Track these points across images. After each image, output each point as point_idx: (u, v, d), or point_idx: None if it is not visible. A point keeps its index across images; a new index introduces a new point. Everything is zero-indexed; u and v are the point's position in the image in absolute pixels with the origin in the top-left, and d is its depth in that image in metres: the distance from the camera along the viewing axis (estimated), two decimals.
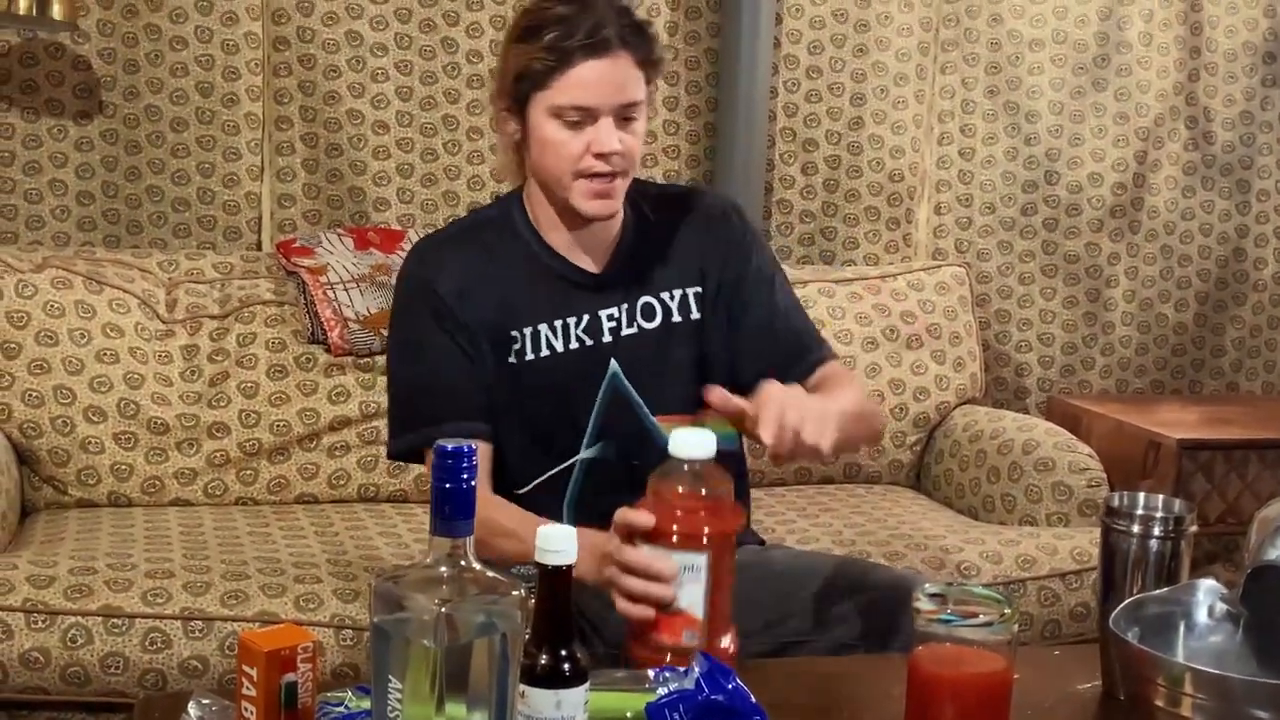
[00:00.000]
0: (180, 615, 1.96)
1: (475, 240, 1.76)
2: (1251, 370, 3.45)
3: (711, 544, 1.30)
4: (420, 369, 1.72)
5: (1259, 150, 3.38)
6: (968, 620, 1.24)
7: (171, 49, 2.78)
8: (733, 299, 1.80)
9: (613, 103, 1.63)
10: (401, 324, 1.76)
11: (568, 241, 1.74)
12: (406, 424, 1.73)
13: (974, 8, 3.19)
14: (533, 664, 1.09)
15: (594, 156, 1.64)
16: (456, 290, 1.71)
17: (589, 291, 1.74)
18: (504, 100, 1.69)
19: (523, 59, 1.64)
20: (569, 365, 1.72)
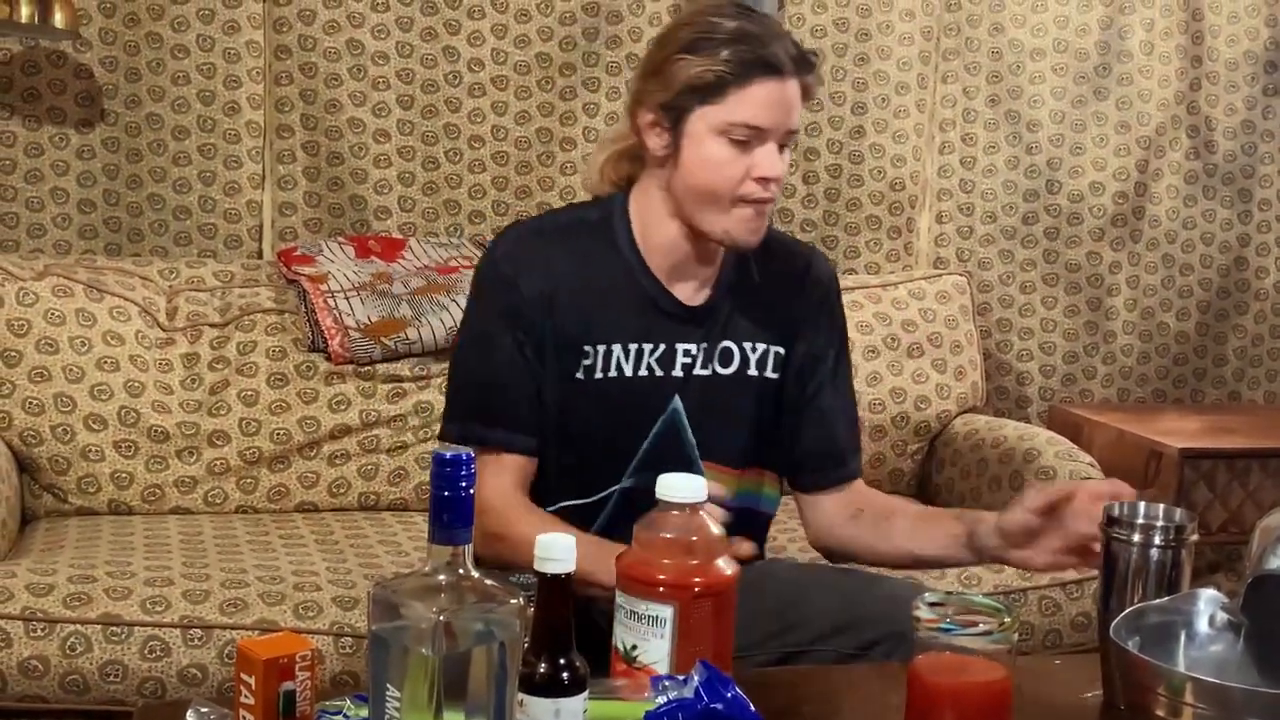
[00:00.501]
0: (179, 623, 1.96)
1: (571, 243, 1.69)
2: (1253, 379, 3.44)
3: (680, 596, 1.24)
4: (483, 365, 1.68)
5: (1261, 159, 3.38)
6: (968, 629, 1.23)
7: (173, 57, 2.78)
8: (810, 374, 1.77)
9: (782, 127, 1.60)
10: (476, 311, 1.72)
11: (668, 266, 1.69)
12: (459, 413, 1.71)
13: (975, 17, 3.19)
14: (531, 672, 1.09)
15: (754, 180, 1.60)
16: (540, 294, 1.65)
17: (673, 321, 1.70)
18: (655, 110, 1.63)
19: (694, 70, 1.58)
20: (634, 391, 1.68)
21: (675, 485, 1.28)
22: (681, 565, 1.27)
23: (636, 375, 1.69)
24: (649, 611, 1.26)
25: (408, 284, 2.65)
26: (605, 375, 1.68)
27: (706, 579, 1.27)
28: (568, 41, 2.96)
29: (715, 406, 1.73)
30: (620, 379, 1.68)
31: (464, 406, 1.70)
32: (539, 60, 2.95)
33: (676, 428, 1.72)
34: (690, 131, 1.61)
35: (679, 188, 1.64)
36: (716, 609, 1.28)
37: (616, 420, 1.69)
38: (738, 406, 1.74)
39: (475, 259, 2.77)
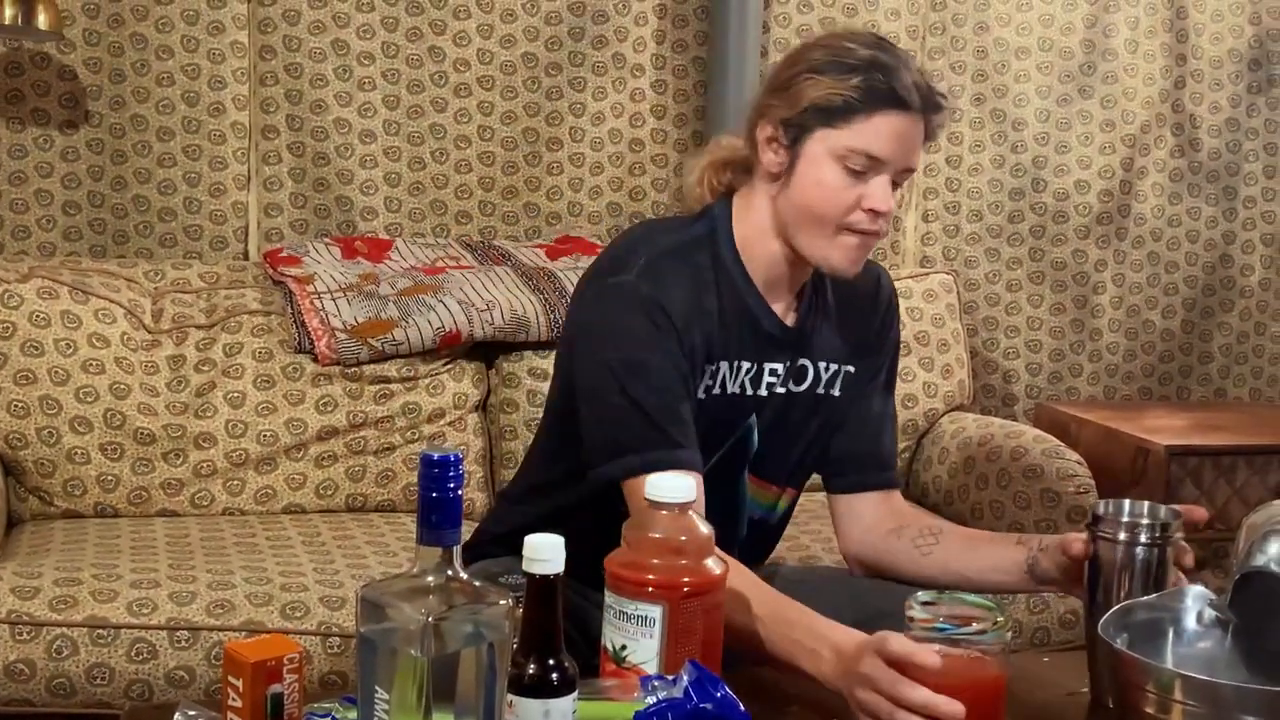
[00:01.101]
0: (166, 625, 1.96)
1: (691, 262, 1.64)
2: (1239, 376, 3.46)
3: (669, 597, 1.24)
4: (643, 389, 1.56)
5: (1245, 157, 3.39)
6: (961, 629, 1.24)
7: (157, 58, 2.77)
8: (867, 384, 1.77)
9: (901, 163, 1.58)
10: (621, 339, 1.58)
11: (767, 282, 1.67)
12: (621, 449, 1.56)
13: (960, 15, 3.20)
14: (520, 673, 1.09)
15: (864, 211, 1.58)
16: (681, 315, 1.58)
17: (768, 341, 1.68)
18: (776, 125, 1.60)
19: (823, 91, 1.56)
20: (726, 407, 1.67)
21: (664, 485, 1.28)
22: (671, 565, 1.27)
23: (730, 393, 1.67)
24: (638, 611, 1.26)
25: (395, 285, 2.64)
26: (709, 394, 1.65)
27: (696, 579, 1.27)
28: (554, 41, 2.96)
29: (784, 425, 1.72)
30: (723, 396, 1.66)
31: (628, 438, 1.56)
32: (525, 60, 2.95)
33: (745, 442, 1.70)
34: (808, 152, 1.59)
35: (787, 206, 1.62)
36: (706, 609, 1.28)
37: (705, 433, 1.64)
38: (801, 424, 1.73)
39: (462, 259, 2.77)
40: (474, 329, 2.60)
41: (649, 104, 3.03)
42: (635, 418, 1.56)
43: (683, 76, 3.04)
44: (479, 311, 2.60)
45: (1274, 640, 1.38)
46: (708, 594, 1.28)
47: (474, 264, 2.76)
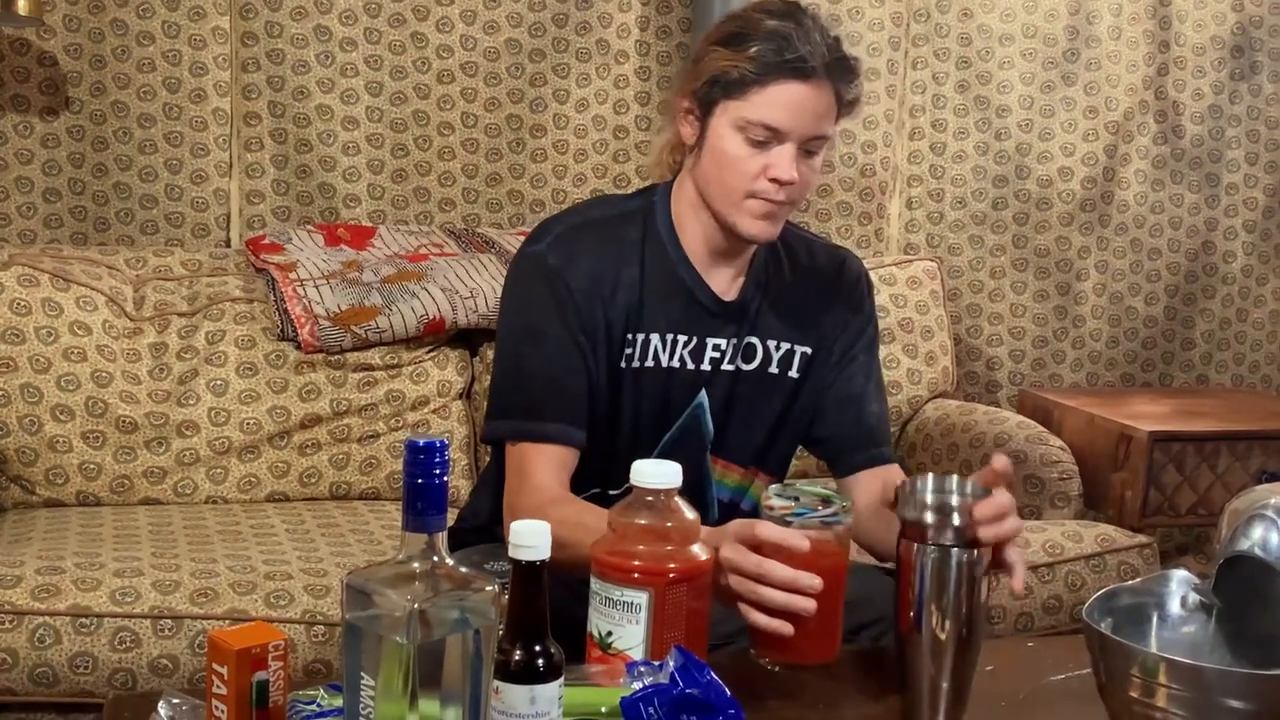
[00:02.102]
0: (149, 614, 1.95)
1: (615, 235, 1.69)
2: (1221, 363, 3.47)
3: (654, 582, 1.26)
4: (534, 358, 1.64)
5: (1228, 144, 3.40)
6: (819, 512, 1.34)
7: (138, 44, 2.76)
8: (835, 365, 1.77)
9: (803, 131, 1.59)
10: (523, 307, 1.67)
11: (704, 256, 1.69)
12: (510, 410, 1.65)
13: (944, 3, 3.20)
14: (507, 659, 1.08)
15: (768, 180, 1.59)
16: (588, 287, 1.64)
17: (707, 315, 1.70)
18: (687, 99, 1.63)
19: (721, 63, 1.58)
20: (666, 382, 1.69)
21: (649, 471, 1.28)
22: (656, 551, 1.27)
23: (669, 366, 1.69)
24: (624, 598, 1.26)
25: (378, 272, 2.63)
26: (642, 365, 1.68)
27: (681, 564, 1.28)
28: (537, 27, 2.95)
29: (737, 403, 1.73)
30: (656, 369, 1.68)
31: (514, 402, 1.66)
32: (508, 46, 2.94)
33: (699, 421, 1.72)
34: (714, 124, 1.61)
35: (700, 176, 1.65)
36: (692, 594, 1.28)
37: (646, 411, 1.69)
38: (758, 405, 1.74)
39: (445, 246, 2.76)
40: (458, 316, 2.59)
41: (633, 90, 3.02)
42: (520, 384, 1.65)
43: (666, 63, 3.04)
44: (463, 299, 2.60)
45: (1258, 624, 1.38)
46: (694, 579, 1.28)
47: (458, 251, 2.75)
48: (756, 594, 1.32)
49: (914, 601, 1.35)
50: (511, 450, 1.65)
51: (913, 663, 1.36)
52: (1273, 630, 1.37)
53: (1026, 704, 1.46)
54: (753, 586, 1.32)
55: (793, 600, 1.31)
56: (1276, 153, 3.43)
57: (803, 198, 1.66)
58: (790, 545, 1.31)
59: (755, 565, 1.32)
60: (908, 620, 1.35)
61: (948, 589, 1.34)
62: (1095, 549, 2.40)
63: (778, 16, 1.60)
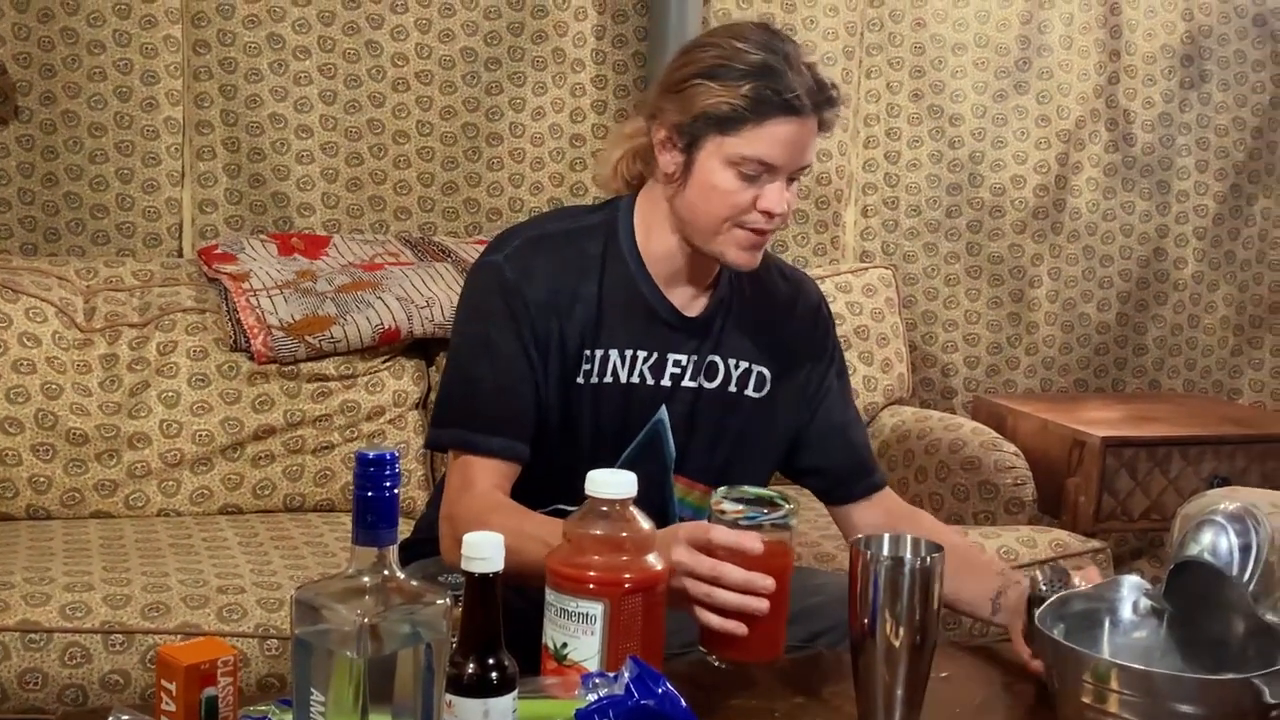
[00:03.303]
0: (100, 629, 1.93)
1: (574, 249, 1.68)
2: (1173, 368, 3.50)
3: (610, 593, 1.26)
4: (484, 369, 1.64)
5: (1178, 152, 3.44)
6: (770, 514, 1.38)
7: (89, 53, 2.73)
8: (812, 397, 1.78)
9: (794, 164, 1.60)
10: (477, 317, 1.67)
11: (668, 273, 1.69)
12: (451, 419, 1.65)
13: (897, 12, 3.21)
14: (459, 673, 1.08)
15: (759, 213, 1.60)
16: (544, 300, 1.64)
17: (668, 330, 1.70)
18: (669, 129, 1.62)
19: (713, 99, 1.58)
20: (625, 398, 1.68)
21: (604, 481, 1.28)
22: (612, 562, 1.27)
23: (629, 382, 1.69)
24: (579, 609, 1.26)
25: (332, 281, 2.62)
26: (601, 380, 1.67)
27: (637, 575, 1.27)
28: (493, 36, 2.94)
29: (698, 421, 1.73)
30: (615, 384, 1.68)
31: (459, 412, 1.66)
32: (464, 55, 2.93)
33: (660, 438, 1.71)
34: (702, 157, 1.61)
35: (683, 207, 1.65)
36: (647, 605, 1.28)
37: (606, 426, 1.69)
38: (719, 423, 1.74)
39: (401, 255, 2.75)
40: (413, 326, 2.58)
41: (589, 99, 3.02)
42: (468, 393, 1.65)
43: (623, 71, 3.04)
44: (418, 308, 2.58)
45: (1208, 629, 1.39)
46: (650, 590, 1.28)
47: (413, 260, 2.74)
48: (712, 597, 1.34)
49: (867, 608, 1.35)
50: (454, 459, 1.65)
51: (867, 670, 1.36)
52: (1223, 635, 1.38)
53: (981, 710, 1.46)
54: (708, 589, 1.34)
55: (746, 602, 1.34)
56: (1226, 160, 3.47)
57: (784, 226, 1.68)
58: (745, 549, 1.34)
59: (710, 568, 1.34)
60: (861, 627, 1.36)
61: (901, 596, 1.34)
62: (1049, 554, 2.41)
63: (762, 49, 1.60)
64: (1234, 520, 1.39)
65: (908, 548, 1.42)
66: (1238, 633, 1.37)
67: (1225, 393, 3.53)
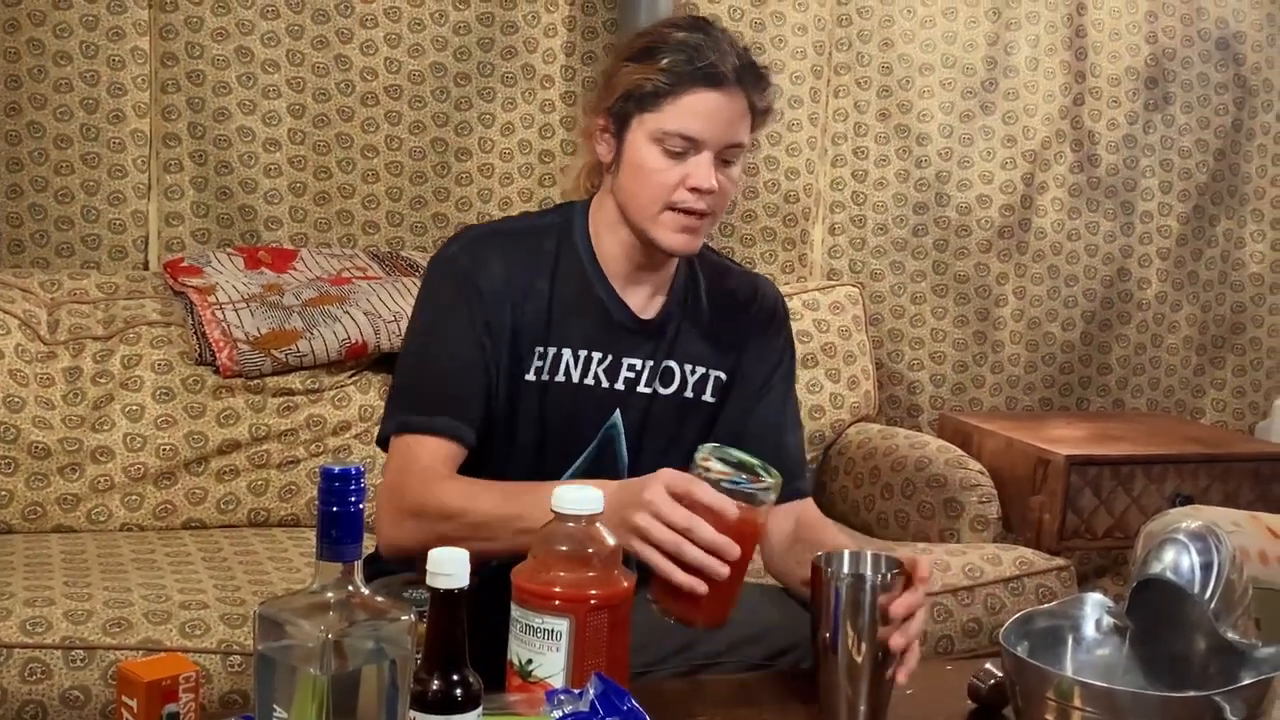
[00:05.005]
0: (61, 645, 1.90)
1: (529, 245, 1.68)
2: (1136, 387, 3.53)
3: (575, 609, 1.25)
4: (436, 352, 1.63)
5: (1142, 173, 3.47)
6: (752, 484, 1.37)
7: (55, 64, 2.71)
8: (754, 394, 1.77)
9: (719, 139, 1.59)
10: (430, 305, 1.67)
11: (622, 273, 1.69)
12: (400, 406, 1.64)
13: (866, 32, 3.24)
14: (424, 690, 1.07)
15: (688, 190, 1.59)
16: (496, 292, 1.63)
17: (623, 333, 1.69)
18: (602, 117, 1.64)
19: (634, 78, 1.59)
20: (578, 399, 1.68)
21: (570, 497, 1.28)
22: (577, 578, 1.27)
23: (583, 383, 1.68)
24: (544, 625, 1.25)
25: (299, 295, 2.61)
26: (553, 379, 1.67)
27: (602, 591, 1.27)
28: (462, 51, 2.94)
29: (652, 427, 1.72)
30: (567, 384, 1.67)
31: (407, 397, 1.65)
32: (433, 70, 2.93)
33: (613, 443, 1.71)
34: (631, 138, 1.62)
35: (619, 192, 1.65)
36: (613, 621, 1.28)
37: (559, 427, 1.68)
38: (674, 429, 1.74)
39: (369, 269, 2.74)
40: (380, 340, 2.57)
41: (559, 115, 3.02)
42: (415, 380, 1.65)
43: (592, 89, 3.04)
44: (386, 323, 2.58)
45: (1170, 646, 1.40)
46: (615, 606, 1.28)
47: (381, 275, 2.74)
48: (679, 548, 1.33)
49: (829, 625, 1.36)
50: (396, 442, 1.62)
51: (829, 686, 1.36)
52: (1185, 652, 1.39)
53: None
54: (676, 539, 1.33)
55: (710, 563, 1.33)
56: (1189, 181, 3.51)
57: (723, 209, 1.67)
58: (724, 513, 1.34)
59: (685, 520, 1.33)
60: (823, 644, 1.36)
61: (863, 612, 1.35)
62: (1014, 572, 2.42)
63: (686, 29, 1.62)
64: (1196, 539, 1.40)
65: (868, 565, 1.43)
66: (1199, 650, 1.38)
67: (1188, 412, 3.56)
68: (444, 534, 1.44)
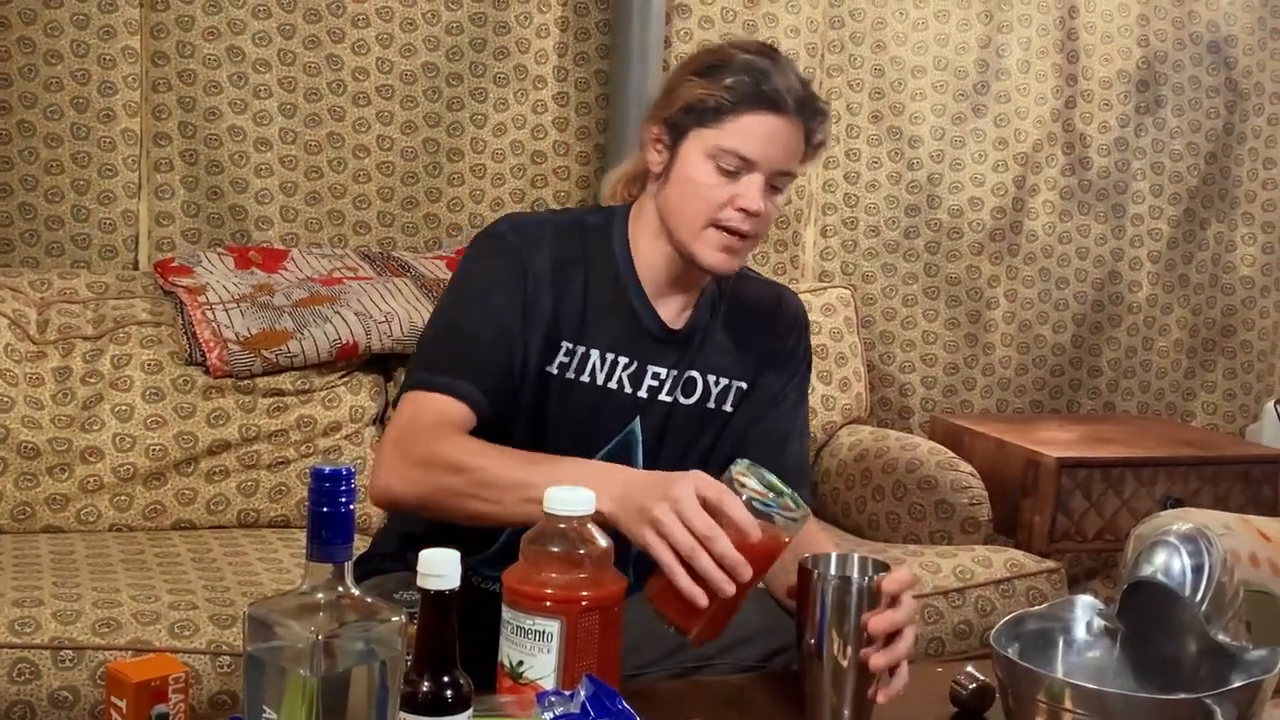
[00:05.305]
0: (49, 645, 1.90)
1: (575, 240, 1.68)
2: (1127, 390, 3.53)
3: (566, 611, 1.24)
4: (470, 317, 1.62)
5: (1133, 176, 3.47)
6: (784, 512, 1.34)
7: (46, 63, 2.71)
8: (767, 401, 1.77)
9: (773, 164, 1.61)
10: (474, 272, 1.66)
11: (656, 282, 1.70)
12: (424, 363, 1.62)
13: (858, 34, 3.24)
14: (414, 691, 1.07)
15: (735, 209, 1.60)
16: (542, 277, 1.63)
17: (651, 341, 1.69)
18: (660, 127, 1.65)
19: (697, 92, 1.60)
20: (600, 401, 1.67)
21: (562, 498, 1.27)
22: (568, 579, 1.26)
23: (606, 386, 1.68)
24: (535, 626, 1.25)
25: (290, 295, 2.60)
26: (577, 377, 1.66)
27: (593, 592, 1.27)
28: (455, 51, 2.94)
29: (670, 436, 1.72)
30: (591, 385, 1.67)
31: (433, 356, 1.63)
32: (425, 70, 2.93)
33: (629, 449, 1.70)
34: (685, 150, 1.63)
35: (664, 202, 1.66)
36: (604, 623, 1.27)
37: (577, 426, 1.67)
38: (692, 440, 1.73)
39: (360, 270, 2.74)
40: (371, 341, 2.57)
41: (551, 116, 3.02)
42: (448, 339, 1.63)
43: (585, 89, 3.04)
44: (377, 323, 2.57)
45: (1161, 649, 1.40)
46: (606, 608, 1.28)
47: (372, 275, 2.73)
48: (693, 553, 1.30)
49: (814, 628, 1.36)
50: (412, 395, 1.60)
51: (814, 689, 1.36)
52: (1175, 655, 1.39)
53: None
54: (693, 544, 1.30)
55: (719, 579, 1.30)
56: (1180, 185, 3.51)
57: (763, 235, 1.68)
58: (748, 532, 1.31)
59: (707, 527, 1.31)
60: (809, 647, 1.36)
61: (848, 615, 1.35)
62: (1004, 574, 2.43)
63: (754, 52, 1.64)
64: (1187, 541, 1.40)
65: (854, 567, 1.43)
66: (1190, 653, 1.38)
67: (1178, 414, 3.56)
68: (448, 487, 1.44)
